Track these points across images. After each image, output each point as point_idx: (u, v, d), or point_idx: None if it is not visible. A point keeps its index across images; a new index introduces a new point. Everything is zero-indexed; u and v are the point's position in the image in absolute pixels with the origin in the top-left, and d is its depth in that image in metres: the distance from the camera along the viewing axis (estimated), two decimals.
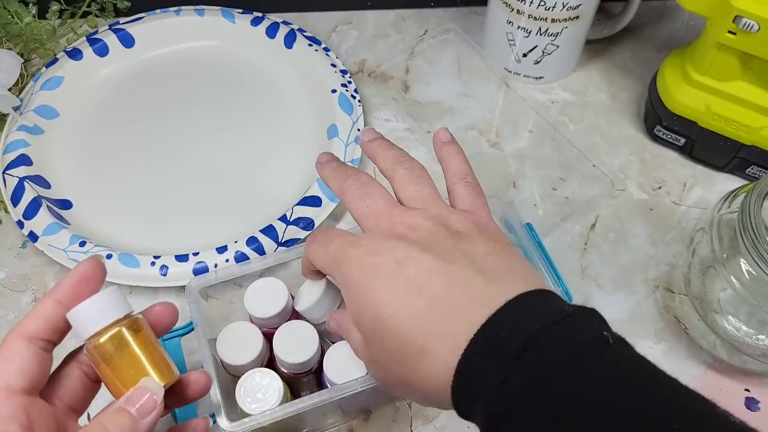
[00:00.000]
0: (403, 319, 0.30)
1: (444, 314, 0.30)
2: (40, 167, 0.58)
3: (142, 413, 0.30)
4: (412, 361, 0.30)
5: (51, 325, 0.32)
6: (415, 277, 0.31)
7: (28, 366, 0.31)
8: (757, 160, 0.57)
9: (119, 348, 0.31)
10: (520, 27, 0.61)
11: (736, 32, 0.50)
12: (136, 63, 0.66)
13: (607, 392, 0.25)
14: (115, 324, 0.32)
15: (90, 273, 0.33)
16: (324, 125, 0.61)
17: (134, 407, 0.30)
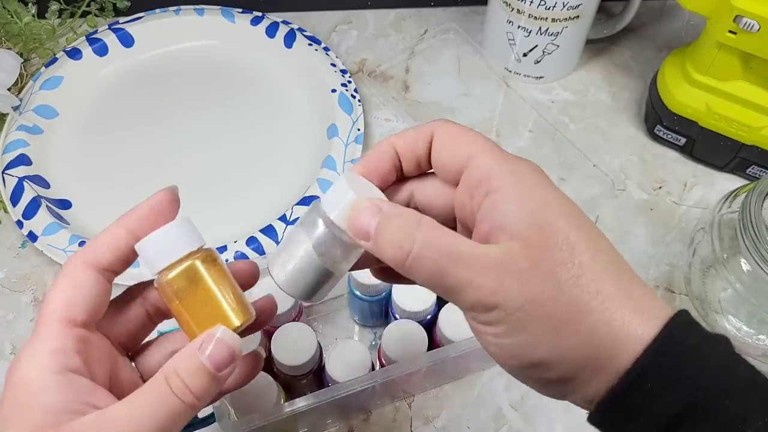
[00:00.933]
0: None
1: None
2: (39, 167, 0.58)
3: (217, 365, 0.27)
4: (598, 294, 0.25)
5: (120, 256, 0.29)
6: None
7: (93, 298, 0.28)
8: (757, 160, 0.57)
9: (193, 282, 0.29)
10: (521, 26, 0.61)
11: (737, 32, 0.50)
12: (135, 63, 0.66)
13: None
14: (189, 257, 0.29)
15: (166, 204, 0.31)
16: (324, 125, 0.61)
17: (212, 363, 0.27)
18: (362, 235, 0.27)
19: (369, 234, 0.27)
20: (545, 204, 0.26)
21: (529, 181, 0.27)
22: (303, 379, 0.44)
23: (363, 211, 0.27)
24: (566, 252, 0.25)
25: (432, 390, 0.49)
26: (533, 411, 0.49)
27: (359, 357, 0.43)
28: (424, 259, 0.26)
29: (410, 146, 0.29)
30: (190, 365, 0.26)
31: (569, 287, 0.25)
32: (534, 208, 0.26)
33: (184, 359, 0.27)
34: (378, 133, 0.63)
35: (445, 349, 0.42)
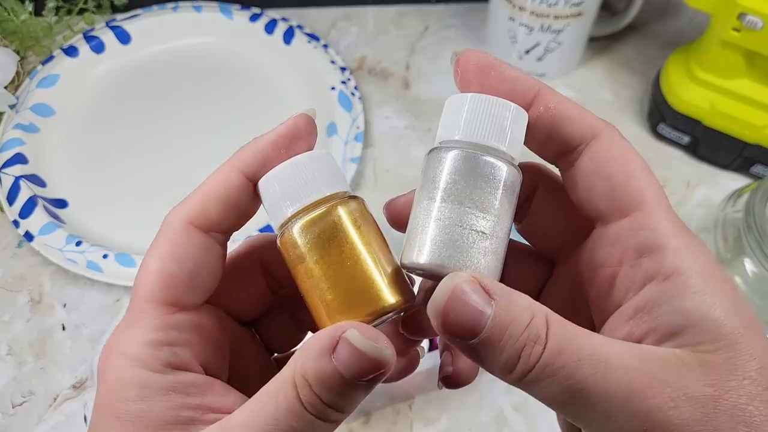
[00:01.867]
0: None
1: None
2: (36, 166, 0.57)
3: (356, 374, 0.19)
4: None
5: (234, 208, 0.22)
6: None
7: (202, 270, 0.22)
8: (761, 159, 0.57)
9: (332, 239, 0.20)
10: (522, 24, 0.61)
11: (741, 29, 0.49)
12: (132, 60, 0.65)
13: None
14: (328, 200, 0.21)
15: (301, 130, 0.23)
16: (323, 123, 0.60)
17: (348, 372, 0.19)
18: (465, 334, 0.19)
19: (477, 331, 0.18)
20: (735, 312, 0.19)
21: (714, 275, 0.19)
22: None
23: (468, 294, 0.19)
24: (757, 386, 0.18)
25: (433, 392, 0.49)
26: (534, 413, 0.48)
27: None
28: (557, 370, 0.18)
29: (559, 119, 0.21)
30: (320, 371, 0.19)
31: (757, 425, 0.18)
32: (723, 316, 0.18)
33: (312, 360, 0.20)
34: (378, 132, 0.62)
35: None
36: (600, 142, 0.21)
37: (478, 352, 0.19)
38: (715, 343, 0.18)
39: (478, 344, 0.19)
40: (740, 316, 0.19)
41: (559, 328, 0.19)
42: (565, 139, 0.21)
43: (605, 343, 0.19)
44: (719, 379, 0.18)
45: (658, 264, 0.19)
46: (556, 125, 0.21)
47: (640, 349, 0.19)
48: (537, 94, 0.22)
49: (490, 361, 0.19)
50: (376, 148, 0.61)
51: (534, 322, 0.18)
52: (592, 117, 0.21)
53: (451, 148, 0.20)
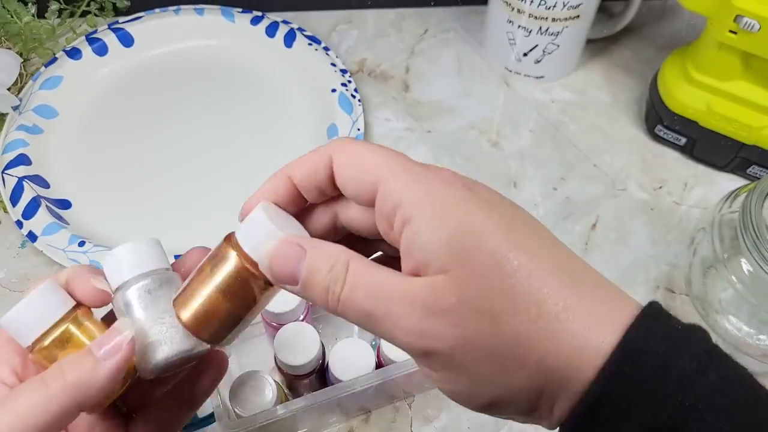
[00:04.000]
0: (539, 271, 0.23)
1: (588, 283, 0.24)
2: (39, 167, 0.57)
3: (106, 355, 0.26)
4: (539, 318, 0.22)
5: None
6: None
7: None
8: (758, 160, 0.57)
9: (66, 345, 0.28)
10: (521, 26, 0.61)
11: (737, 31, 0.50)
12: (135, 62, 0.66)
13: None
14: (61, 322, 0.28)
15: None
16: (324, 125, 0.61)
17: (100, 350, 0.26)
18: (289, 280, 0.25)
19: (296, 278, 0.25)
20: (464, 225, 0.23)
21: (444, 200, 0.24)
22: (305, 378, 0.44)
23: (286, 254, 0.25)
24: (496, 278, 0.22)
25: (432, 390, 0.49)
26: None
27: (363, 356, 0.43)
28: (354, 301, 0.24)
29: (308, 177, 0.27)
30: (74, 355, 0.26)
31: (507, 318, 0.22)
32: (452, 233, 0.23)
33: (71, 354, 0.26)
34: (378, 133, 0.63)
35: None
36: (335, 160, 0.26)
37: (305, 294, 0.25)
38: (452, 261, 0.23)
39: (302, 289, 0.25)
40: (466, 229, 0.23)
41: (357, 269, 0.24)
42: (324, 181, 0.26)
43: (389, 278, 0.24)
44: (461, 289, 0.22)
45: (401, 217, 0.24)
46: (315, 183, 0.27)
47: (409, 280, 0.23)
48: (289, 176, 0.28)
49: (313, 300, 0.25)
50: None
51: (335, 267, 0.24)
52: (322, 150, 0.26)
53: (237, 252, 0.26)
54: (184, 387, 0.31)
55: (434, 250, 0.23)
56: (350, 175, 0.25)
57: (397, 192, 0.24)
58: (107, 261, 0.28)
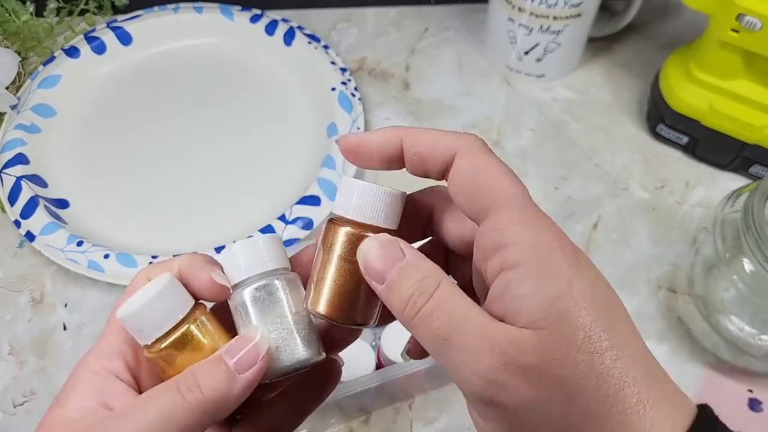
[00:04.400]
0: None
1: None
2: (37, 166, 0.57)
3: (240, 367, 0.25)
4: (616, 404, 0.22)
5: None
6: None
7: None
8: (760, 159, 0.57)
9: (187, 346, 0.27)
10: (522, 25, 0.61)
11: (739, 30, 0.50)
12: (134, 61, 0.65)
13: None
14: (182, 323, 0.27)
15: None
16: (323, 124, 0.60)
17: (233, 359, 0.25)
18: (377, 277, 0.25)
19: (384, 278, 0.24)
20: (568, 291, 0.22)
21: (552, 258, 0.23)
22: None
23: (386, 251, 0.25)
24: (585, 353, 0.22)
25: (433, 392, 0.49)
26: None
27: (363, 356, 0.43)
28: (433, 320, 0.23)
29: (423, 155, 0.26)
30: (208, 364, 0.25)
31: (583, 396, 0.22)
32: (554, 295, 0.22)
33: (206, 360, 0.26)
34: None
35: None
36: (456, 162, 0.25)
37: (384, 295, 0.25)
38: (547, 320, 0.22)
39: (385, 288, 0.24)
40: (569, 294, 0.22)
41: (445, 291, 0.23)
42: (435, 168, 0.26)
43: (475, 311, 0.23)
44: (546, 353, 0.22)
45: (503, 258, 0.23)
46: (423, 160, 0.26)
47: (496, 324, 0.23)
48: (402, 142, 0.26)
49: (390, 303, 0.24)
50: None
51: (426, 281, 0.24)
52: (450, 137, 0.25)
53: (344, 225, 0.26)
54: (296, 393, 0.30)
55: (532, 305, 0.22)
56: (468, 185, 0.25)
57: (508, 231, 0.23)
58: (225, 255, 0.27)
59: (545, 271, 0.23)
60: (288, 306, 0.27)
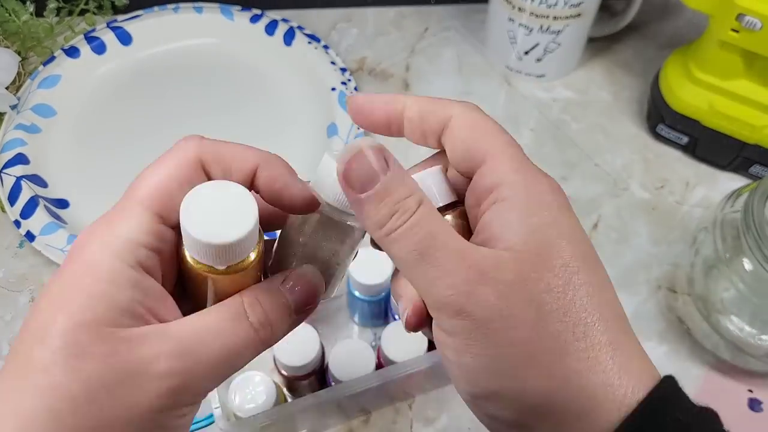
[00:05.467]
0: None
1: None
2: (37, 166, 0.57)
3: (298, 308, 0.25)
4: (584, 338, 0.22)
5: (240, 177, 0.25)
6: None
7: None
8: (760, 159, 0.57)
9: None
10: (522, 25, 0.61)
11: (740, 30, 0.50)
12: (134, 61, 0.65)
13: None
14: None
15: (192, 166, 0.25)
16: (323, 123, 0.60)
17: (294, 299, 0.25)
18: (358, 184, 0.23)
19: (365, 187, 0.23)
20: (552, 224, 0.23)
21: (542, 198, 0.24)
22: (305, 379, 0.44)
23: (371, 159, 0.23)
24: (561, 279, 0.22)
25: (432, 391, 0.49)
26: None
27: (363, 356, 0.43)
28: (411, 237, 0.23)
29: (421, 116, 0.26)
30: (273, 299, 0.24)
31: (553, 319, 0.22)
32: (538, 225, 0.23)
33: (267, 291, 0.24)
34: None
35: None
36: (453, 120, 0.26)
37: (362, 206, 0.23)
38: (527, 244, 0.23)
39: (364, 199, 0.23)
40: (554, 226, 0.23)
41: (425, 211, 0.23)
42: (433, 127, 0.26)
43: (454, 235, 0.23)
44: (522, 271, 0.22)
45: (497, 194, 0.24)
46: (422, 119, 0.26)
47: (475, 247, 0.23)
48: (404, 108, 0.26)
49: (369, 216, 0.23)
50: None
51: (409, 199, 0.23)
52: (446, 104, 0.26)
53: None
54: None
55: (515, 230, 0.23)
56: (463, 139, 0.25)
57: (504, 172, 0.24)
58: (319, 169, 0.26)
59: (534, 205, 0.24)
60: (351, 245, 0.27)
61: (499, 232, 0.23)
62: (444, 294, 0.22)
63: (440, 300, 0.23)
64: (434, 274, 0.23)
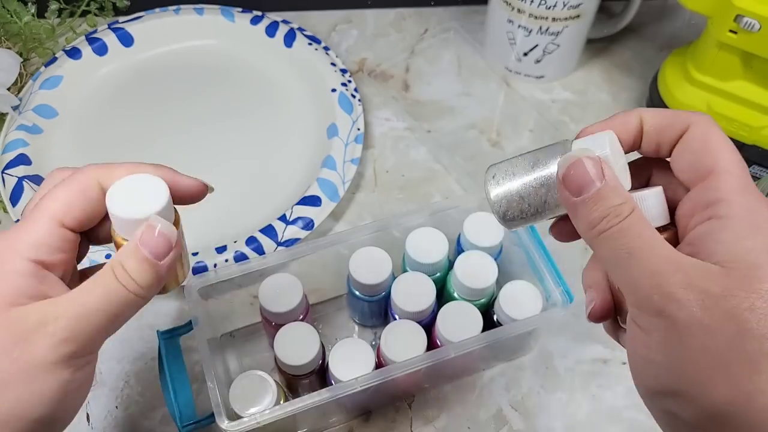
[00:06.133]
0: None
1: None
2: (39, 167, 0.57)
3: (158, 255, 0.29)
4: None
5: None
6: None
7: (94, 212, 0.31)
8: (758, 160, 0.57)
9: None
10: (521, 26, 0.61)
11: (738, 31, 0.50)
12: (135, 62, 0.66)
13: None
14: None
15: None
16: (324, 124, 0.61)
17: (148, 249, 0.29)
18: (574, 187, 0.26)
19: (581, 191, 0.26)
20: (765, 249, 0.24)
21: (761, 224, 0.24)
22: (305, 378, 0.44)
23: (589, 166, 0.25)
24: (765, 302, 0.23)
25: (432, 390, 0.49)
26: (534, 411, 0.48)
27: (363, 356, 0.43)
28: (622, 236, 0.25)
29: (659, 129, 0.28)
30: (133, 257, 0.29)
31: (750, 338, 0.23)
32: (752, 248, 0.24)
33: (127, 252, 0.29)
34: (378, 133, 0.63)
35: (445, 349, 0.42)
36: (690, 131, 0.27)
37: (576, 207, 0.26)
38: (738, 263, 0.23)
39: (580, 201, 0.26)
40: (766, 253, 0.24)
41: (636, 217, 0.25)
42: (669, 137, 0.28)
43: (664, 242, 0.25)
44: (729, 286, 0.23)
45: (714, 211, 0.25)
46: (660, 131, 0.28)
47: (682, 255, 0.24)
48: (642, 118, 0.28)
49: (582, 217, 0.26)
50: (376, 149, 0.62)
51: (621, 206, 0.25)
52: (683, 115, 0.27)
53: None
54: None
55: (728, 248, 0.24)
56: (694, 150, 0.26)
57: (727, 190, 0.25)
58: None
59: (751, 228, 0.24)
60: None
61: (710, 247, 0.24)
62: (649, 293, 0.24)
63: (644, 298, 0.24)
64: (641, 273, 0.24)
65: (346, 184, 0.56)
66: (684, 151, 0.27)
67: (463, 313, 0.45)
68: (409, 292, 0.45)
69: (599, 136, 0.27)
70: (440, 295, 0.48)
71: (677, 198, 0.28)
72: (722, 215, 0.25)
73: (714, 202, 0.25)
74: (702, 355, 0.23)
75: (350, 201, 0.58)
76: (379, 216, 0.56)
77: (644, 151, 0.29)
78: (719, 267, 0.24)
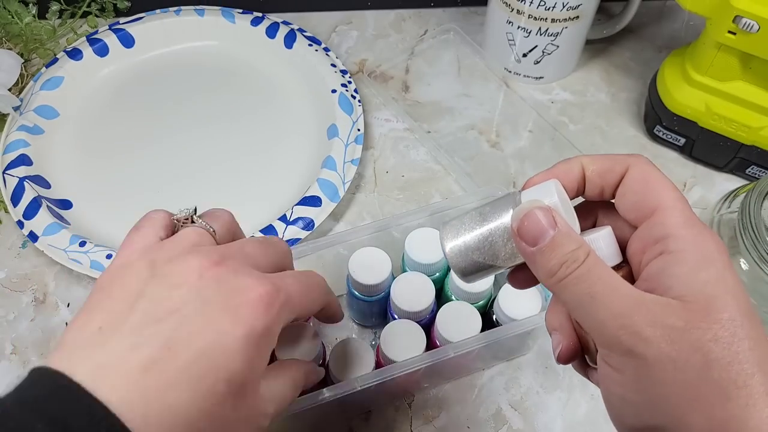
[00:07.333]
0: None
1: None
2: (40, 167, 0.58)
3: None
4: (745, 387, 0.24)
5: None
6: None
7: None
8: (757, 160, 0.57)
9: None
10: (520, 27, 0.61)
11: (736, 32, 0.50)
12: (136, 63, 0.66)
13: None
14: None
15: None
16: (324, 125, 0.61)
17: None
18: (529, 239, 0.27)
19: (536, 241, 0.26)
20: (720, 280, 0.25)
21: (709, 254, 0.25)
22: None
23: (540, 217, 0.26)
24: (727, 332, 0.24)
25: (432, 390, 0.49)
26: (533, 411, 0.49)
27: (363, 355, 0.43)
28: (583, 281, 0.25)
29: (601, 173, 0.29)
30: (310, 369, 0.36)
31: (717, 367, 0.24)
32: (707, 280, 0.25)
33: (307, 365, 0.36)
34: (378, 134, 0.63)
35: (444, 349, 0.42)
36: (630, 172, 0.28)
37: (534, 257, 0.27)
38: (696, 296, 0.24)
39: (536, 251, 0.27)
40: (721, 282, 0.25)
41: (593, 260, 0.26)
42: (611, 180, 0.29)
43: (623, 282, 0.25)
44: (691, 319, 0.24)
45: (664, 246, 0.26)
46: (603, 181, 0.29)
47: (644, 293, 0.25)
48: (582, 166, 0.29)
49: (541, 265, 0.27)
50: (376, 150, 0.62)
51: (577, 251, 0.26)
52: (621, 159, 0.29)
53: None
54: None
55: (685, 282, 0.25)
56: (636, 191, 0.28)
57: (673, 225, 0.26)
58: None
59: (702, 260, 0.25)
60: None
61: (666, 282, 0.25)
62: (616, 333, 0.25)
63: (612, 338, 0.25)
64: (606, 315, 0.25)
65: (346, 184, 0.56)
66: (627, 192, 0.28)
67: (463, 313, 0.45)
68: (409, 292, 0.45)
69: (546, 186, 0.28)
70: (439, 295, 0.48)
71: (625, 236, 0.29)
72: (672, 249, 0.26)
73: (662, 237, 0.26)
74: (674, 389, 0.24)
75: (350, 201, 0.58)
76: (379, 216, 0.57)
77: (588, 195, 0.30)
78: (679, 302, 0.24)
